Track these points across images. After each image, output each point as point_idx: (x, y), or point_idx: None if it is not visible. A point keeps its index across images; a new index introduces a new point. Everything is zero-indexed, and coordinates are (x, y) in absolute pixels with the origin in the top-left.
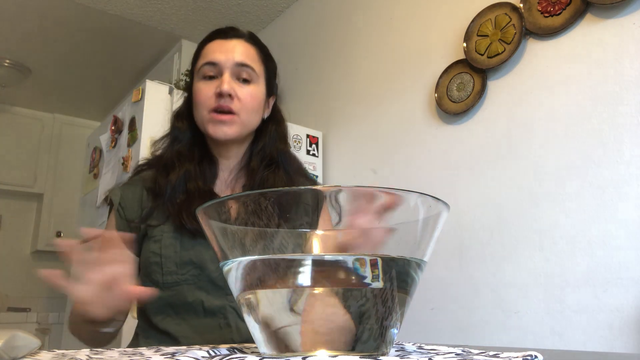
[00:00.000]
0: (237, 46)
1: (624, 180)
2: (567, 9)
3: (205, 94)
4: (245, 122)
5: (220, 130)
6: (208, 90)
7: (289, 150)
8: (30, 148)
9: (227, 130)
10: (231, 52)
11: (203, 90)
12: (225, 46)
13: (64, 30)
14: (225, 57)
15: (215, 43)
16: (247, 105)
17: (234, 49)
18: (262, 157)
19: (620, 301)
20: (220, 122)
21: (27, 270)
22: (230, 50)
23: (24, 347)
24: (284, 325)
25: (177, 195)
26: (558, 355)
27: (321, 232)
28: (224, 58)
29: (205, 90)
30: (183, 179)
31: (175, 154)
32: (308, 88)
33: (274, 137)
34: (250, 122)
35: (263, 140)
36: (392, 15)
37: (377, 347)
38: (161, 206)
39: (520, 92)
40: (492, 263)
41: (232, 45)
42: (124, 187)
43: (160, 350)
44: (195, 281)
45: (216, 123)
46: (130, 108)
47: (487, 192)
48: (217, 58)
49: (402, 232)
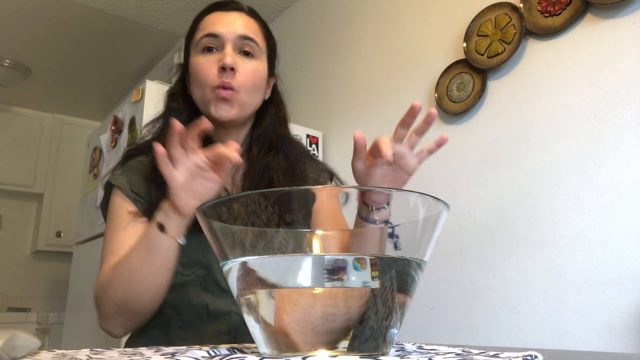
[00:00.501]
0: (239, 19)
1: (624, 180)
2: (567, 9)
3: (207, 69)
4: (244, 101)
5: (222, 109)
6: (210, 65)
7: (289, 134)
8: (30, 148)
9: (228, 109)
10: (233, 24)
11: (204, 65)
12: (227, 18)
13: (64, 30)
14: (227, 29)
15: (215, 15)
16: (248, 82)
17: (235, 21)
18: (262, 142)
19: (620, 301)
20: (222, 100)
21: (27, 270)
22: (232, 22)
23: (24, 347)
24: (284, 325)
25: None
26: (558, 355)
27: (321, 232)
28: (225, 30)
29: (206, 65)
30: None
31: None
32: (308, 88)
33: (274, 121)
34: (250, 101)
35: (263, 124)
36: (392, 15)
37: (377, 347)
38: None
39: (520, 92)
40: (492, 263)
41: (233, 18)
42: (126, 173)
43: (160, 350)
44: (201, 282)
45: (218, 102)
46: (130, 108)
47: (487, 192)
48: (219, 30)
49: (402, 232)
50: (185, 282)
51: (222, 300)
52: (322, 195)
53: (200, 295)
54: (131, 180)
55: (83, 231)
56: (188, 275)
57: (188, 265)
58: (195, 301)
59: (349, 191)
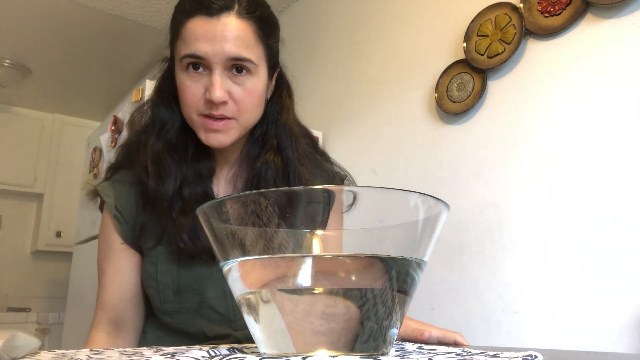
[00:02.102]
0: (228, 28)
1: (624, 180)
2: (567, 9)
3: (192, 93)
4: (244, 123)
5: (214, 139)
6: (195, 89)
7: (293, 126)
8: (30, 148)
9: (223, 139)
10: (220, 40)
11: (189, 88)
12: (212, 31)
13: (64, 30)
14: (213, 50)
15: (198, 23)
16: (245, 106)
17: (223, 35)
18: (263, 143)
19: (620, 301)
20: (213, 130)
21: (27, 270)
22: (219, 37)
23: (24, 347)
24: (284, 325)
25: (174, 208)
26: (558, 355)
27: (321, 232)
28: (211, 50)
29: (192, 89)
30: (179, 187)
31: (164, 145)
32: (308, 88)
33: (275, 114)
34: (251, 121)
35: (265, 121)
36: (392, 15)
37: (377, 347)
38: (156, 219)
39: (520, 92)
40: (492, 263)
41: (220, 29)
42: (114, 184)
43: (160, 350)
44: (196, 309)
45: (209, 131)
46: (130, 108)
47: (487, 192)
48: (203, 50)
49: (402, 232)
50: (178, 310)
51: (220, 326)
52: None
53: (195, 323)
54: (117, 195)
55: (83, 231)
56: (181, 303)
57: (179, 293)
58: (192, 330)
59: (351, 193)
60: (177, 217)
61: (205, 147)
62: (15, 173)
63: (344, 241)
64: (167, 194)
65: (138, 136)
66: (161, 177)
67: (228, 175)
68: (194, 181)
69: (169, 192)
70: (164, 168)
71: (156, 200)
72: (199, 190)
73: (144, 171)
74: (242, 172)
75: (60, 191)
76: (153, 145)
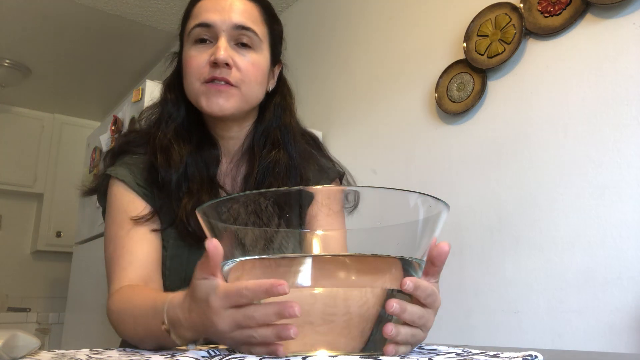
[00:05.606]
0: (235, 4)
1: (624, 180)
2: (567, 9)
3: (197, 62)
4: (246, 95)
5: (215, 104)
6: (201, 58)
7: (295, 126)
8: (30, 148)
9: (223, 104)
10: (228, 11)
11: (194, 58)
12: (221, 4)
13: (64, 30)
14: (221, 18)
15: (208, 0)
16: (248, 76)
17: (231, 8)
18: (266, 138)
19: (620, 301)
20: (215, 92)
21: (27, 270)
22: (227, 9)
23: (24, 347)
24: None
25: (181, 193)
26: (558, 355)
27: (321, 232)
28: (219, 18)
29: (197, 58)
30: (185, 173)
31: (171, 134)
32: (308, 88)
33: (278, 113)
34: (253, 95)
35: (267, 117)
36: (392, 15)
37: (376, 347)
38: (167, 203)
39: (520, 92)
40: (492, 263)
41: (228, 3)
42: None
43: (160, 350)
44: None
45: (210, 94)
46: (130, 108)
47: (487, 192)
48: (211, 18)
49: (402, 232)
50: None
51: None
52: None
53: None
54: (135, 174)
55: (83, 231)
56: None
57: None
58: None
59: (351, 193)
60: (184, 201)
61: (210, 137)
62: (15, 173)
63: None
64: (174, 179)
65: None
66: (169, 164)
67: (228, 166)
68: (200, 168)
69: (176, 177)
70: (171, 156)
71: (164, 186)
72: (204, 174)
73: (154, 159)
74: (242, 165)
75: (60, 191)
76: (160, 136)
